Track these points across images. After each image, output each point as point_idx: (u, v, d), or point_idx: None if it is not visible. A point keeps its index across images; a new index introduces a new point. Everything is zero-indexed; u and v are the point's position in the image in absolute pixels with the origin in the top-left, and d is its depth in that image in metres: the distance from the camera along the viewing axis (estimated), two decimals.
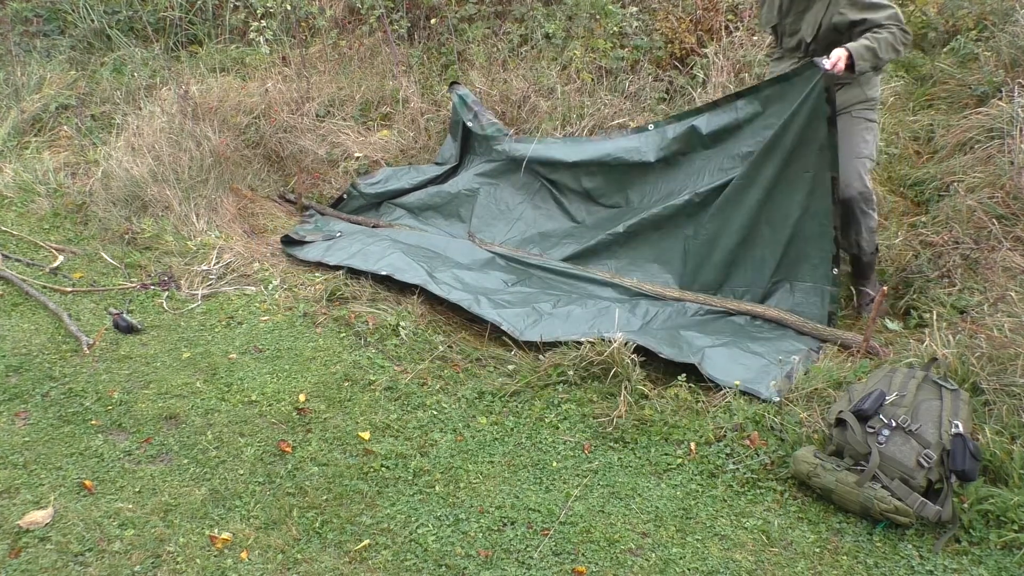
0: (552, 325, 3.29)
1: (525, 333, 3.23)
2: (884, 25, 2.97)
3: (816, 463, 2.36)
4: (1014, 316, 2.82)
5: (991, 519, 2.24)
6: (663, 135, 3.70)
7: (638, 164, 3.77)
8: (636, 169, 3.80)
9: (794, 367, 2.91)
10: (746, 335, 3.18)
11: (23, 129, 5.15)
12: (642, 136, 3.76)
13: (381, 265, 3.68)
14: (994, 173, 3.64)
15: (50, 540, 2.19)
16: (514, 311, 3.37)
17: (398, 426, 2.75)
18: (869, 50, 2.92)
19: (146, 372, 3.03)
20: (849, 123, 3.19)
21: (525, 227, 4.13)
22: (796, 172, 3.18)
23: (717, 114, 3.51)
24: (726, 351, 3.01)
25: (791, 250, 3.31)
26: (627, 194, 3.90)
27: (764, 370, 2.92)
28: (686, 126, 3.61)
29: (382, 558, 2.18)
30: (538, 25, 5.04)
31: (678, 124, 3.65)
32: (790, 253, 3.32)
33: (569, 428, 2.74)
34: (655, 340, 3.04)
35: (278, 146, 4.91)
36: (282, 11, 5.38)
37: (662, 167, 3.73)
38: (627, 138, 3.83)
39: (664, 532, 2.29)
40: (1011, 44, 4.34)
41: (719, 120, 3.49)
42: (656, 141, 3.71)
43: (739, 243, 3.41)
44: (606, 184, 3.96)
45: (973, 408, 2.52)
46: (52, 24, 6.10)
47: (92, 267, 3.87)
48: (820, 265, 3.25)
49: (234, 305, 3.53)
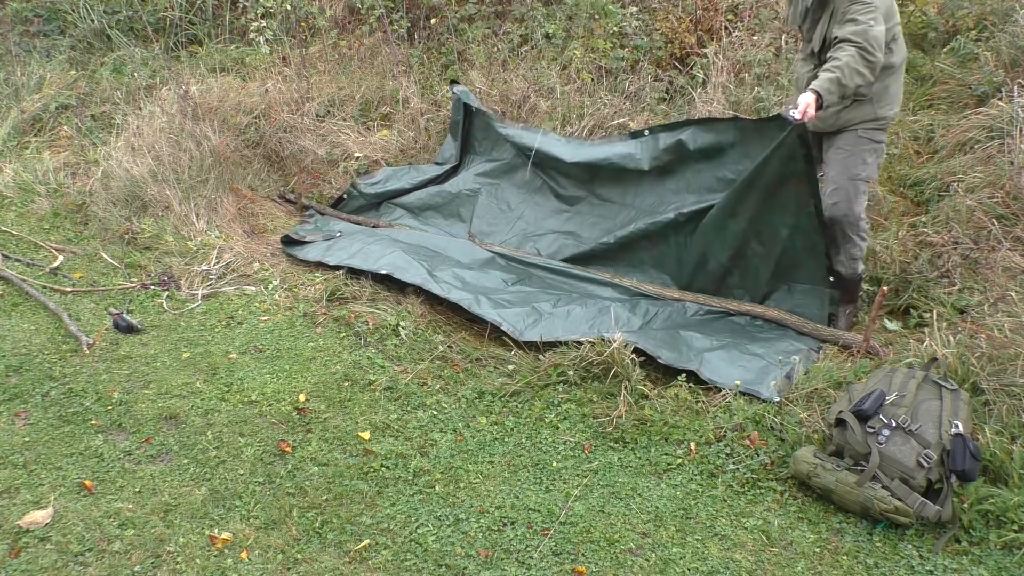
0: (552, 325, 3.29)
1: (525, 333, 3.23)
2: (846, 41, 2.86)
3: (816, 463, 2.36)
4: (1014, 316, 2.82)
5: (991, 519, 2.24)
6: (656, 143, 3.70)
7: (634, 170, 3.78)
8: (632, 174, 3.81)
9: (794, 367, 2.91)
10: (746, 336, 3.18)
11: (23, 129, 5.15)
12: (639, 143, 3.76)
13: (381, 264, 3.68)
14: (994, 173, 3.64)
15: (50, 540, 2.19)
16: (514, 311, 3.37)
17: (398, 426, 2.75)
18: (833, 82, 2.83)
19: (146, 372, 3.03)
20: (853, 141, 3.11)
21: (526, 226, 4.13)
22: (779, 199, 3.18)
23: (702, 132, 3.52)
24: (725, 353, 3.02)
25: (784, 260, 3.32)
26: (624, 196, 3.91)
27: (764, 371, 2.92)
28: (675, 138, 3.61)
29: (382, 558, 2.18)
30: (538, 25, 5.04)
31: (669, 135, 3.65)
32: (784, 262, 3.33)
33: (569, 428, 2.74)
34: (654, 343, 3.05)
35: (278, 146, 4.91)
36: (282, 11, 5.38)
37: (656, 175, 3.74)
38: (625, 143, 3.83)
39: (664, 532, 2.29)
40: (1011, 44, 4.34)
41: (705, 138, 3.50)
42: (651, 149, 3.71)
43: (730, 257, 3.43)
44: (605, 185, 3.96)
45: (973, 408, 2.52)
46: (52, 24, 6.10)
47: (92, 267, 3.87)
48: (817, 269, 3.26)
49: (234, 305, 3.53)
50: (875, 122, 3.09)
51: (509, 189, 4.30)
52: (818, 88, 2.85)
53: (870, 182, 3.20)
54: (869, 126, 3.10)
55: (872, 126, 3.10)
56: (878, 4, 2.86)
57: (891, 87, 3.07)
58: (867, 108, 3.07)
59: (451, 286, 3.57)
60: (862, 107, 3.07)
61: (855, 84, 2.84)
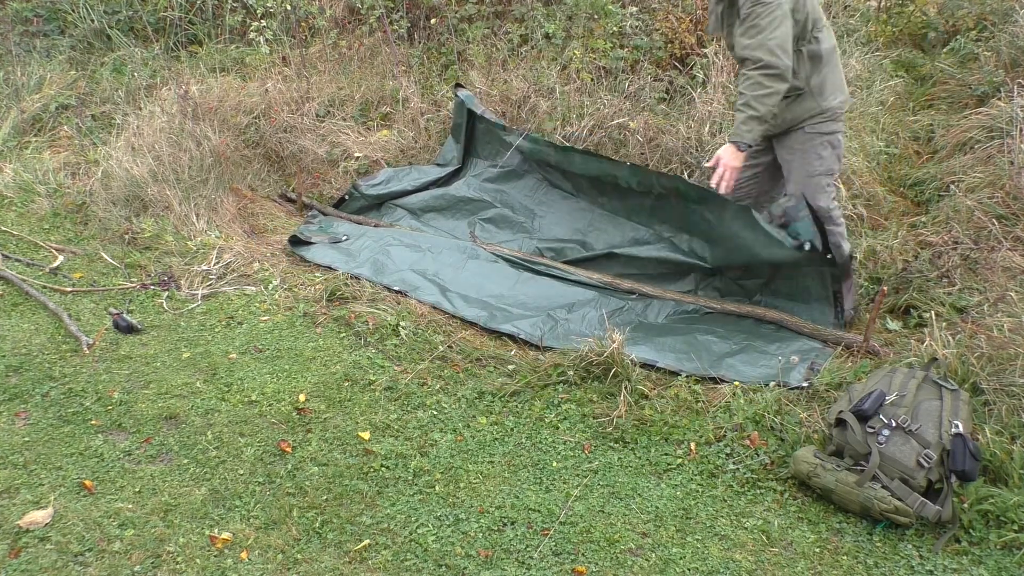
0: (568, 330, 3.32)
1: (545, 339, 3.26)
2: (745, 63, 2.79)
3: (816, 463, 2.36)
4: (1014, 316, 2.82)
5: (991, 519, 2.24)
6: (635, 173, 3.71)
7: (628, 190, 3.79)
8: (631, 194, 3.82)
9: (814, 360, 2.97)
10: (759, 335, 3.20)
11: (23, 129, 5.15)
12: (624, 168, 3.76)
13: (393, 280, 3.71)
14: (994, 173, 3.64)
15: (50, 540, 2.19)
16: (529, 321, 3.40)
17: (398, 426, 2.75)
18: (745, 120, 2.78)
19: (146, 372, 3.03)
20: (803, 140, 3.02)
21: (531, 232, 4.13)
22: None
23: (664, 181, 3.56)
24: (746, 356, 3.06)
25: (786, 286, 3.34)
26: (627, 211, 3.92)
27: (786, 369, 2.96)
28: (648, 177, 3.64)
29: (382, 558, 2.18)
30: (538, 25, 5.04)
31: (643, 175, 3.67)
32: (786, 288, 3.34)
33: (569, 428, 2.75)
34: (675, 355, 3.08)
35: (278, 146, 4.91)
36: (282, 11, 5.38)
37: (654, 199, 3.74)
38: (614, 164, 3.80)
39: (664, 532, 2.29)
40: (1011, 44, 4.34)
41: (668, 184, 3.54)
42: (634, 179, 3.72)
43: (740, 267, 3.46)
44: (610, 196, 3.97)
45: (973, 408, 2.52)
46: (52, 24, 6.10)
47: (92, 267, 3.87)
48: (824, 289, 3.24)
49: (234, 305, 3.53)
50: (822, 115, 2.98)
51: (515, 195, 4.31)
52: (734, 137, 2.84)
53: (834, 174, 3.11)
54: (816, 120, 2.99)
55: (819, 119, 2.99)
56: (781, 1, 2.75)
57: (828, 76, 2.97)
58: (810, 103, 2.97)
59: (462, 298, 3.58)
60: (804, 102, 2.97)
61: (770, 106, 2.79)
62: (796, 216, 2.97)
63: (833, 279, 3.17)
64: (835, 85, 3.00)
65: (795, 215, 2.97)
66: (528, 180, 4.32)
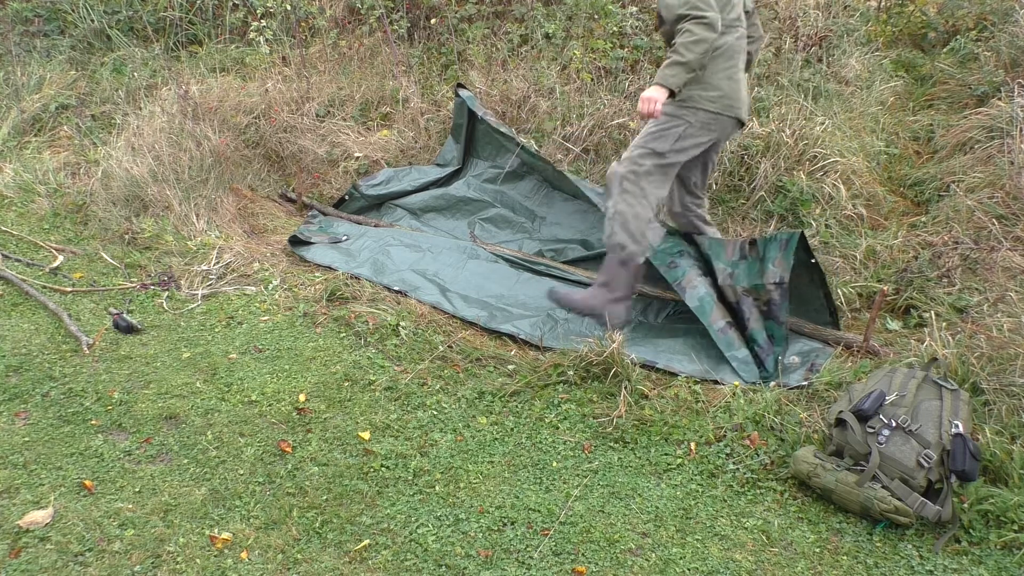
0: (569, 330, 3.33)
1: (545, 339, 3.26)
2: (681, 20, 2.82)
3: (816, 463, 2.36)
4: (1014, 316, 2.82)
5: (991, 519, 2.24)
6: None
7: None
8: None
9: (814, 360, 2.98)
10: None
11: (23, 129, 5.15)
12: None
13: (393, 280, 3.71)
14: (994, 173, 3.64)
15: (50, 540, 2.19)
16: (529, 321, 3.40)
17: (398, 426, 2.75)
18: (672, 65, 2.81)
19: (146, 372, 3.03)
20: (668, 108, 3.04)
21: (532, 233, 4.14)
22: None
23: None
24: (748, 355, 3.05)
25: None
26: None
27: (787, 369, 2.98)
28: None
29: (382, 558, 2.18)
30: (538, 25, 5.04)
31: None
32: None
33: (569, 428, 2.75)
34: (679, 358, 3.09)
35: (278, 146, 4.91)
36: (282, 11, 5.38)
37: None
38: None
39: (664, 532, 2.29)
40: (1011, 44, 4.34)
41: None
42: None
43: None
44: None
45: (973, 408, 2.52)
46: (52, 24, 6.09)
47: (92, 267, 3.87)
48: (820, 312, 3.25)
49: (234, 305, 3.53)
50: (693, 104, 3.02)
51: (513, 195, 4.31)
52: (660, 80, 2.85)
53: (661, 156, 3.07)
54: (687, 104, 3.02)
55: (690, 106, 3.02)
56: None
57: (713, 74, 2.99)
58: (695, 89, 3.00)
59: (462, 298, 3.58)
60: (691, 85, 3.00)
61: (698, 53, 2.81)
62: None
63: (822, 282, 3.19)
64: (712, 81, 3.00)
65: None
66: (528, 181, 4.34)
